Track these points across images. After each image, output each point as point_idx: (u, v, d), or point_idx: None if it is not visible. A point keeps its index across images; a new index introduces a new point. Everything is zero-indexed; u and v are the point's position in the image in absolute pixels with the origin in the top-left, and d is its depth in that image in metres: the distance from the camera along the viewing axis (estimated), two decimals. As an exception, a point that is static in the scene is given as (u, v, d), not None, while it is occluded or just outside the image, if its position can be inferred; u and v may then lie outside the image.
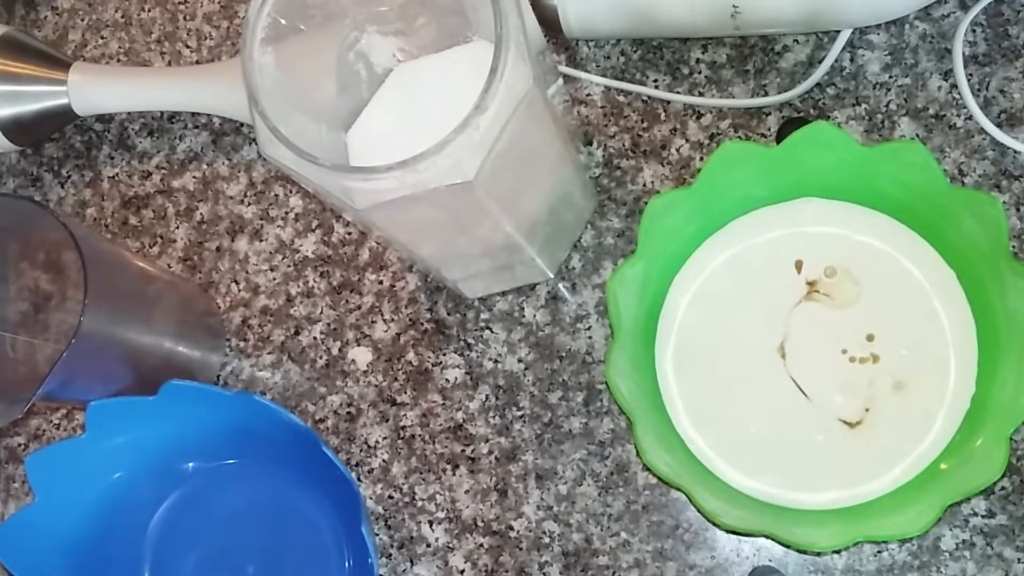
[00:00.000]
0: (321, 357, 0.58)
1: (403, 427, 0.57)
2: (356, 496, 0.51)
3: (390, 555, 0.56)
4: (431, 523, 0.55)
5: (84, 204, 0.63)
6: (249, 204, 0.61)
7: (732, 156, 0.51)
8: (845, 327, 0.51)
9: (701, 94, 0.56)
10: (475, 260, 0.51)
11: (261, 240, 0.60)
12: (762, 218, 0.53)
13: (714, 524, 0.51)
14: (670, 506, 0.53)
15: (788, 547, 0.51)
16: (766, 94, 0.56)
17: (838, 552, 0.51)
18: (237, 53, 0.63)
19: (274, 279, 0.60)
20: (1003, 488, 0.50)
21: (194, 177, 0.62)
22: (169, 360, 0.56)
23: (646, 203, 0.52)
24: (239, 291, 0.60)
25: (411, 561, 0.55)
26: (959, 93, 0.54)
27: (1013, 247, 0.52)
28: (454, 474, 0.56)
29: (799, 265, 0.53)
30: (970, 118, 0.54)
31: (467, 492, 0.55)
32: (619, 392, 0.49)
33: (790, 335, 0.52)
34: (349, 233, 0.59)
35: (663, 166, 0.56)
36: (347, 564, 0.55)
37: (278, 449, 0.55)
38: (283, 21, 0.42)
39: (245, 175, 0.62)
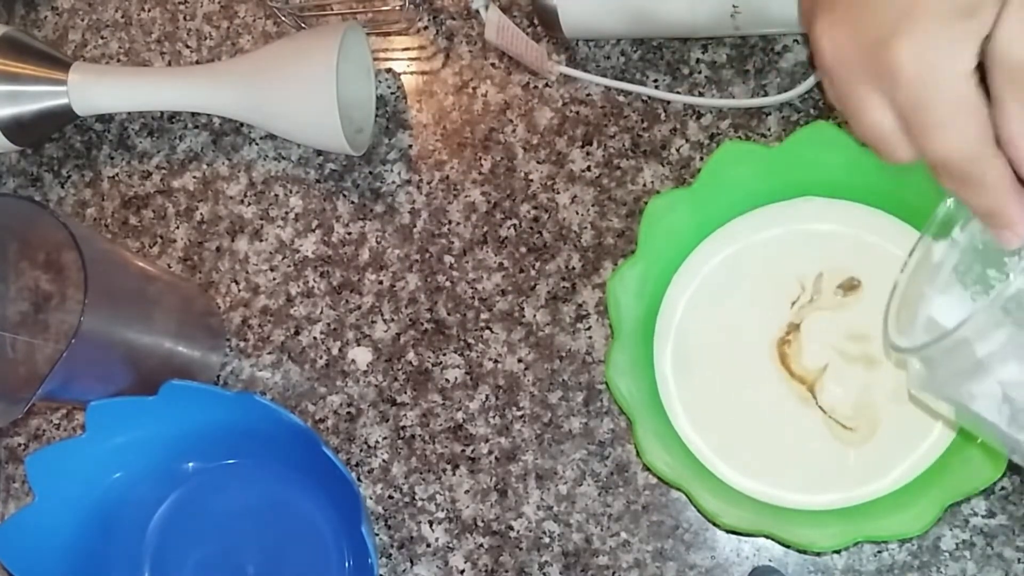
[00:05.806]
0: (321, 357, 0.58)
1: (403, 427, 0.57)
2: (356, 496, 0.51)
3: (390, 555, 0.56)
4: (431, 523, 0.55)
5: (84, 204, 0.63)
6: (249, 204, 0.61)
7: (732, 156, 0.51)
8: (845, 327, 0.51)
9: (701, 94, 0.56)
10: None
11: (261, 240, 0.60)
12: (762, 217, 0.53)
13: (714, 524, 0.51)
14: (670, 506, 0.53)
15: (788, 547, 0.51)
16: (766, 94, 0.56)
17: (838, 552, 0.51)
18: (237, 53, 0.63)
19: (274, 279, 0.60)
20: (1003, 488, 0.50)
21: (194, 177, 0.62)
22: (169, 360, 0.56)
23: (646, 203, 0.52)
24: (239, 291, 0.60)
25: (411, 561, 0.55)
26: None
27: (1013, 247, 0.52)
28: (454, 474, 0.56)
29: (799, 265, 0.52)
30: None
31: (467, 492, 0.55)
32: (619, 392, 0.49)
33: (789, 335, 0.52)
34: (349, 233, 0.59)
35: (663, 166, 0.56)
36: (347, 564, 0.55)
37: (278, 449, 0.55)
38: None
39: (245, 175, 0.62)
